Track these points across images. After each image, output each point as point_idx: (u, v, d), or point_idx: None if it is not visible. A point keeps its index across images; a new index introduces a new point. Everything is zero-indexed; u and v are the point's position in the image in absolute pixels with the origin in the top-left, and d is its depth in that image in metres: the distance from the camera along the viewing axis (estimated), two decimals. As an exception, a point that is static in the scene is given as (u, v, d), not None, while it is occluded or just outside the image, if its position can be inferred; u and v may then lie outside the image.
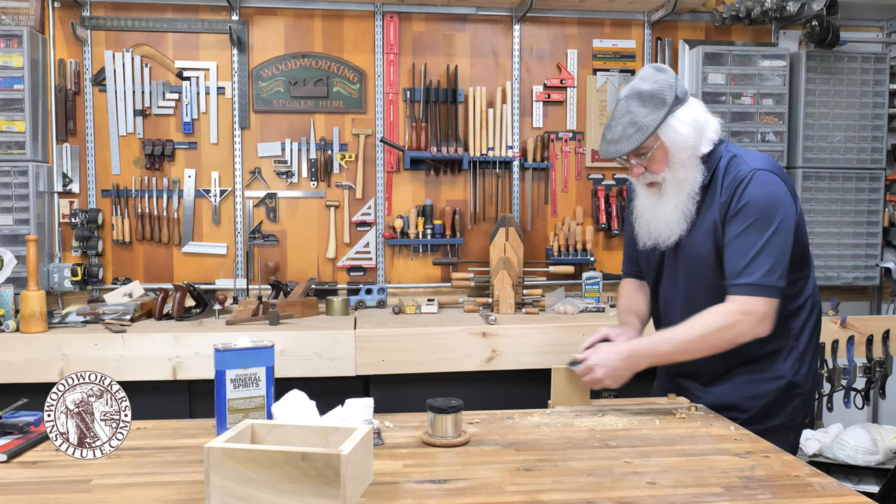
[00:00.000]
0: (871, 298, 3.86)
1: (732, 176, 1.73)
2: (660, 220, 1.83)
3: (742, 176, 1.71)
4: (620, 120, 1.75)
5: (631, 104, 1.74)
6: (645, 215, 1.89)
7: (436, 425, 1.47)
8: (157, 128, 3.39)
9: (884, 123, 3.61)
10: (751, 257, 1.66)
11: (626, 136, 1.73)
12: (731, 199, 1.71)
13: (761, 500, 1.20)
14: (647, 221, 1.88)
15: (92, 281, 3.28)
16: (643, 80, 1.75)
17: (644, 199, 1.88)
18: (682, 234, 1.80)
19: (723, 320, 1.67)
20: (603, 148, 1.80)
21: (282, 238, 3.46)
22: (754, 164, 1.73)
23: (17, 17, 3.25)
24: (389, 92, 3.48)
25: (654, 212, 1.85)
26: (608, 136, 1.78)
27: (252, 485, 1.14)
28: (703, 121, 1.77)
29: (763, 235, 1.65)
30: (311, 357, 2.67)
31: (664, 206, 1.81)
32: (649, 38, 3.63)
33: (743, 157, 1.76)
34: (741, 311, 1.66)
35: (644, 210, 1.89)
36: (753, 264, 1.65)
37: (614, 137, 1.75)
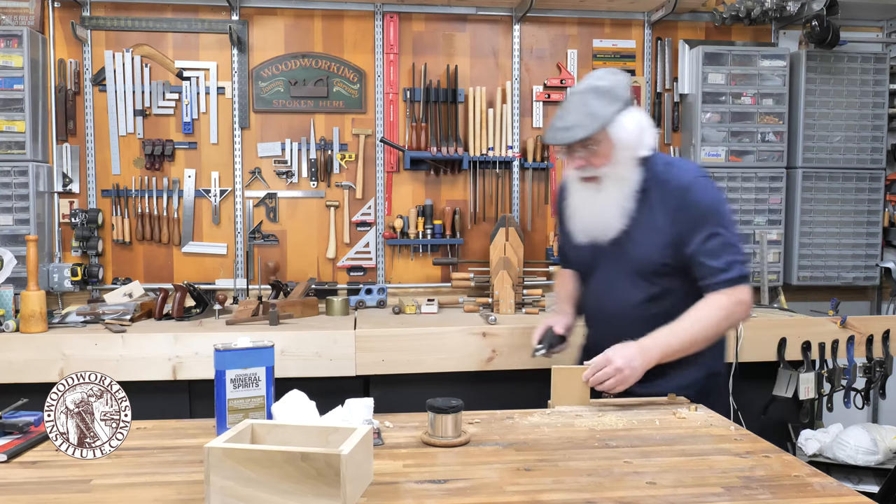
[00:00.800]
0: (871, 298, 3.86)
1: (675, 183, 1.84)
2: (597, 216, 1.88)
3: (686, 184, 1.83)
4: (575, 111, 1.80)
5: (587, 97, 1.81)
6: (581, 211, 1.93)
7: (436, 425, 1.47)
8: (157, 128, 3.39)
9: (884, 123, 3.61)
10: (725, 255, 1.80)
11: (580, 124, 1.78)
12: (682, 206, 1.82)
13: (761, 500, 1.20)
14: (583, 217, 1.93)
15: (92, 281, 3.28)
16: (599, 78, 1.84)
17: (579, 194, 1.92)
18: (619, 232, 1.87)
19: (723, 312, 1.80)
20: (551, 135, 1.82)
21: (282, 238, 3.46)
22: (692, 171, 1.88)
23: (17, 17, 3.25)
24: (389, 92, 3.48)
25: (591, 207, 1.89)
26: (559, 124, 1.81)
27: (252, 485, 1.14)
28: (645, 125, 1.88)
29: (726, 233, 1.81)
30: (311, 357, 2.67)
31: (602, 201, 1.86)
32: (649, 38, 3.63)
33: (677, 165, 1.91)
34: (736, 302, 1.81)
35: (580, 205, 1.93)
36: (730, 260, 1.80)
37: (566, 125, 1.79)
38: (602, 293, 1.98)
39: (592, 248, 1.94)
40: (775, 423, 3.03)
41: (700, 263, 1.82)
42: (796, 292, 3.71)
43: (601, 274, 1.97)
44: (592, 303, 2.04)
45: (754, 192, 3.55)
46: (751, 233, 3.57)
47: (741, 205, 3.55)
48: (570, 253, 2.08)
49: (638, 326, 1.84)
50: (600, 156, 1.83)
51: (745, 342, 2.90)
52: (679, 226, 1.82)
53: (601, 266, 1.96)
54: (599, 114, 1.79)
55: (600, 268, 1.97)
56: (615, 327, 1.89)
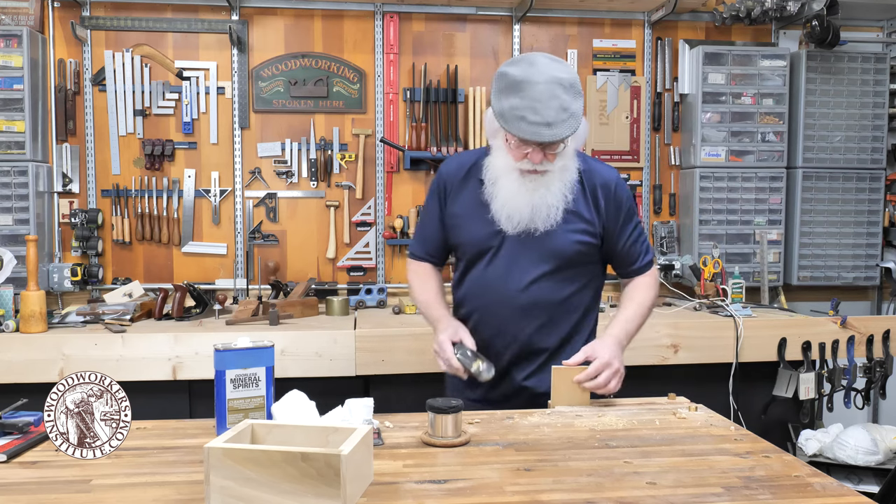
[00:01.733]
0: (871, 298, 3.86)
1: (603, 179, 1.88)
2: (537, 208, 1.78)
3: (614, 180, 1.89)
4: (549, 104, 1.68)
5: (555, 90, 1.69)
6: (515, 201, 1.79)
7: (436, 425, 1.47)
8: (157, 128, 3.39)
9: (884, 123, 3.61)
10: (643, 242, 1.97)
11: (560, 120, 1.68)
12: (612, 201, 1.88)
13: (761, 500, 1.20)
14: (518, 207, 1.79)
15: (92, 281, 3.28)
16: (558, 65, 1.72)
17: (513, 184, 1.79)
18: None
19: (654, 291, 1.99)
20: (533, 130, 1.68)
21: (282, 238, 3.46)
22: (611, 169, 1.94)
23: (17, 17, 3.25)
24: (389, 92, 3.48)
25: (529, 198, 1.78)
26: (535, 118, 1.68)
27: (252, 485, 1.13)
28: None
29: (640, 225, 1.98)
30: (311, 357, 2.67)
31: (543, 194, 1.78)
32: (649, 38, 3.63)
33: (594, 161, 1.95)
34: (656, 279, 2.02)
35: (513, 196, 1.79)
36: (647, 245, 1.99)
37: (549, 121, 1.68)
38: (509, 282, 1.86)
39: (501, 235, 1.85)
40: (775, 423, 3.03)
41: (630, 252, 1.94)
42: (796, 292, 3.71)
43: (506, 262, 1.86)
44: (493, 293, 1.88)
45: (754, 192, 3.55)
46: (751, 233, 3.57)
47: (741, 205, 3.55)
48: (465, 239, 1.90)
49: (542, 314, 1.86)
50: (557, 151, 1.76)
51: (745, 342, 2.90)
52: (608, 219, 1.88)
53: (506, 254, 1.86)
54: (574, 112, 1.71)
55: (504, 256, 1.86)
56: (517, 317, 1.86)
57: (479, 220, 1.86)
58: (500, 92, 1.73)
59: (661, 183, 3.68)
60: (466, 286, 1.94)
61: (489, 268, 1.88)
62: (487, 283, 1.89)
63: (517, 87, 1.70)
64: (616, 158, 3.65)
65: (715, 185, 3.52)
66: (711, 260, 3.29)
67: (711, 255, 3.33)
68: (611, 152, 3.64)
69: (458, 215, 1.91)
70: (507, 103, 1.71)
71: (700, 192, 3.51)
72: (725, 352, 2.90)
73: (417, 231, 2.07)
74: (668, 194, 3.70)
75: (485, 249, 1.88)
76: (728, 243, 3.55)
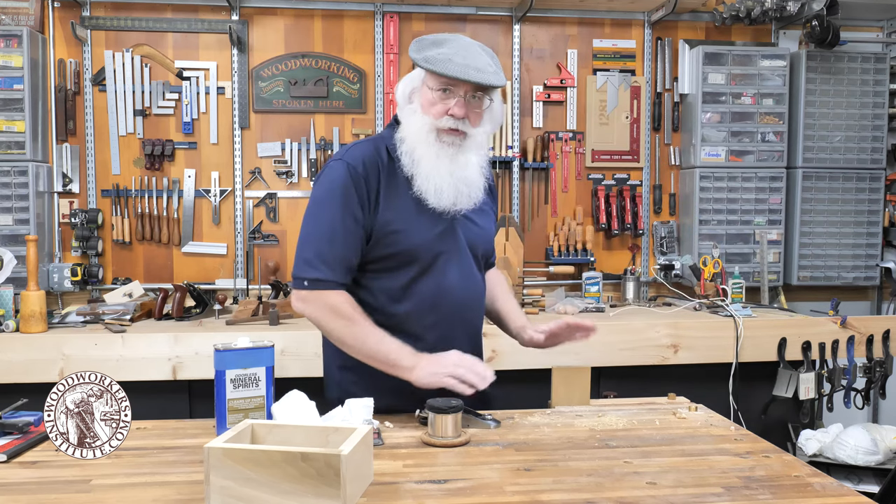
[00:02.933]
0: (871, 298, 3.86)
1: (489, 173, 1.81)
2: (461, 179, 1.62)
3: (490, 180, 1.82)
4: (477, 55, 1.58)
5: (480, 48, 1.62)
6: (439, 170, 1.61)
7: (436, 425, 1.47)
8: (157, 128, 3.39)
9: (884, 123, 3.61)
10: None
11: (490, 71, 1.58)
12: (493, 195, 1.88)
13: (761, 500, 1.20)
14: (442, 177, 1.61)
15: (92, 281, 3.28)
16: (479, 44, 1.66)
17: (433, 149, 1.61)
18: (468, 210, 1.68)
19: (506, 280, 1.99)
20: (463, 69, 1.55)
21: (282, 238, 3.46)
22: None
23: (17, 17, 3.25)
24: (389, 92, 3.48)
25: (449, 166, 1.61)
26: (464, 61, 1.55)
27: (252, 485, 1.13)
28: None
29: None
30: (311, 357, 2.66)
31: (464, 162, 1.63)
32: (649, 38, 3.63)
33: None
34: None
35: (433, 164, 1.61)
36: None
37: (478, 67, 1.56)
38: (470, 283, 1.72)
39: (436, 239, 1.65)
40: (775, 423, 3.03)
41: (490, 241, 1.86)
42: (796, 292, 3.71)
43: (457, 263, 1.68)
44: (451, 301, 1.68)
45: (754, 192, 3.55)
46: (751, 233, 3.57)
47: (741, 205, 3.55)
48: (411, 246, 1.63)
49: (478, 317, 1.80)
50: (480, 115, 1.63)
51: (745, 342, 2.90)
52: (494, 213, 1.87)
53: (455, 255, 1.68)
54: (500, 70, 1.62)
55: (454, 257, 1.68)
56: (476, 320, 1.78)
57: (425, 219, 1.63)
58: (421, 48, 1.61)
59: (661, 183, 3.68)
60: (414, 301, 1.65)
61: (444, 274, 1.66)
62: (444, 291, 1.66)
63: (441, 42, 1.61)
64: (616, 158, 3.65)
65: (715, 185, 3.52)
66: (711, 260, 3.29)
67: (711, 255, 3.33)
68: (611, 152, 3.64)
69: (394, 221, 1.61)
70: (432, 52, 1.59)
71: (700, 192, 3.51)
72: (725, 352, 2.90)
73: (318, 251, 1.60)
74: (668, 194, 3.70)
75: (435, 253, 1.65)
76: (728, 243, 3.55)
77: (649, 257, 3.68)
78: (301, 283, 1.62)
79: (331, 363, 1.78)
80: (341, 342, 1.62)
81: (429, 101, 1.62)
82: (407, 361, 1.56)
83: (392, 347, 1.57)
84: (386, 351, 1.58)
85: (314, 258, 1.60)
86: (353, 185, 1.60)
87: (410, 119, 1.64)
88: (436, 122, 1.60)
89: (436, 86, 1.60)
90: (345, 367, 1.71)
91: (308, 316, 1.63)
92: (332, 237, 1.60)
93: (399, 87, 1.69)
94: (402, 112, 1.68)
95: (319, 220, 1.62)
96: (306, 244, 1.63)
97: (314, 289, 1.60)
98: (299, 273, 1.62)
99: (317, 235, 1.61)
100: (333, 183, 1.61)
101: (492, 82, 1.58)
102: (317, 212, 1.63)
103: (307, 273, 1.61)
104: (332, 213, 1.60)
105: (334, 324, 1.60)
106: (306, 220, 1.65)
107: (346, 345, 1.61)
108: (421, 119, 1.62)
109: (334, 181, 1.61)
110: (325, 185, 1.63)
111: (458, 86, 1.59)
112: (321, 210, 1.62)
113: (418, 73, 1.65)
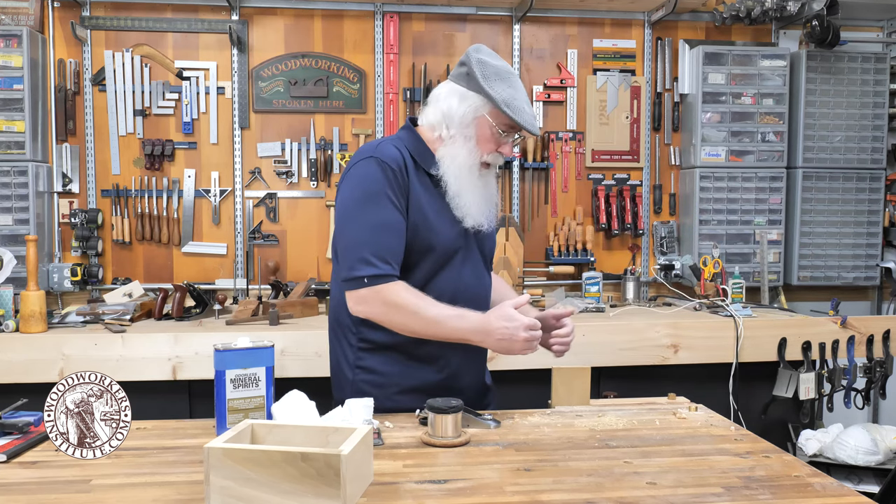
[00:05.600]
0: (871, 298, 3.86)
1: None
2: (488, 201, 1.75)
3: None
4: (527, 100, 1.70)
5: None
6: (474, 197, 1.71)
7: (436, 425, 1.47)
8: (156, 128, 3.39)
9: (884, 123, 3.61)
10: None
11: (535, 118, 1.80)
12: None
13: (761, 500, 1.20)
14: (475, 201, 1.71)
15: (92, 281, 3.28)
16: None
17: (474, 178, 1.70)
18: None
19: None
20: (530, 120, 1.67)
21: (282, 238, 3.46)
22: None
23: (17, 17, 3.25)
24: (389, 92, 3.48)
25: (482, 192, 1.73)
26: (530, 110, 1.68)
27: (252, 485, 1.13)
28: None
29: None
30: (311, 357, 2.67)
31: (491, 186, 1.77)
32: (649, 37, 3.63)
33: None
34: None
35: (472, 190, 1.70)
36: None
37: (534, 116, 1.71)
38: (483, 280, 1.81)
39: (465, 233, 1.74)
40: (775, 423, 3.03)
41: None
42: (796, 292, 3.71)
43: (471, 262, 1.77)
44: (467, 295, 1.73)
45: (754, 192, 3.55)
46: (751, 233, 3.57)
47: (741, 205, 3.55)
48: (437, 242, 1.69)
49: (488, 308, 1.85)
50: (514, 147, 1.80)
51: (745, 342, 2.90)
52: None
53: (470, 253, 1.77)
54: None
55: (469, 256, 1.76)
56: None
57: (446, 219, 1.71)
58: (488, 78, 1.64)
59: (661, 183, 3.68)
60: (433, 296, 1.66)
61: (461, 269, 1.74)
62: (462, 287, 1.72)
63: (506, 78, 1.66)
64: (616, 158, 3.65)
65: (715, 185, 3.52)
66: (711, 260, 3.29)
67: (711, 255, 3.33)
68: (611, 152, 3.64)
69: (419, 218, 1.67)
70: (505, 92, 1.64)
71: (700, 192, 3.51)
72: (725, 352, 2.90)
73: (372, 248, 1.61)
74: (668, 194, 3.70)
75: (455, 250, 1.72)
76: (728, 243, 3.55)
77: (649, 257, 3.68)
78: (360, 282, 1.61)
79: (341, 361, 1.77)
80: (411, 333, 1.65)
81: (485, 137, 1.68)
82: (476, 338, 1.61)
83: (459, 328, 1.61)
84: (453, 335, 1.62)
85: (370, 255, 1.61)
86: (392, 180, 1.63)
87: (459, 146, 1.69)
88: (485, 157, 1.70)
89: (501, 126, 1.67)
90: (359, 367, 1.73)
91: (369, 316, 1.65)
92: (384, 231, 1.62)
93: (452, 102, 1.69)
94: (454, 131, 1.69)
95: (367, 217, 1.63)
96: (359, 243, 1.62)
97: (373, 285, 1.60)
98: (356, 272, 1.61)
99: (369, 232, 1.62)
100: (371, 179, 1.63)
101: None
102: (361, 209, 1.63)
103: (365, 271, 1.60)
104: (378, 207, 1.62)
105: (397, 318, 1.62)
106: (350, 219, 1.65)
107: (416, 333, 1.65)
108: (474, 151, 1.69)
109: (372, 177, 1.63)
110: (363, 182, 1.64)
111: (516, 129, 1.69)
112: (366, 207, 1.63)
113: (482, 103, 1.66)
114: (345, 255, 1.65)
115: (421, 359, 1.71)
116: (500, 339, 1.58)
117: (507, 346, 1.58)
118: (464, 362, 1.76)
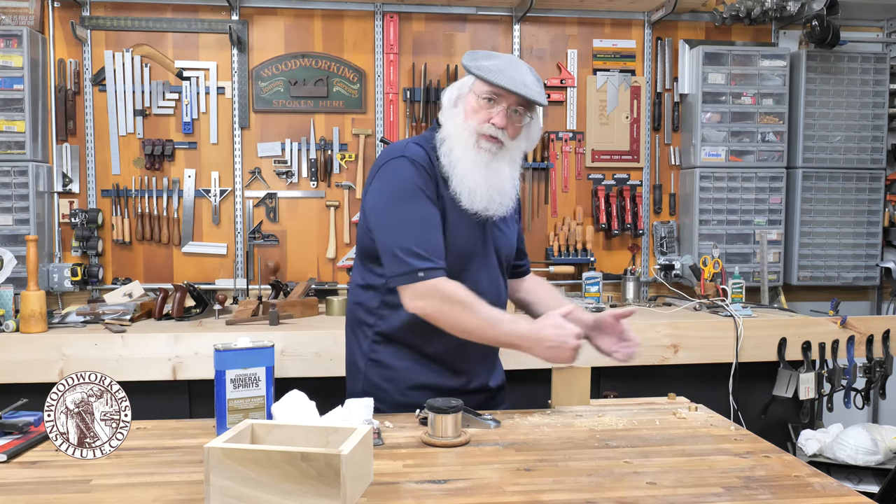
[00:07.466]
0: (871, 298, 3.86)
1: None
2: (492, 185, 1.69)
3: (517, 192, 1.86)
4: (525, 72, 1.68)
5: (531, 70, 1.72)
6: (471, 176, 1.67)
7: (436, 425, 1.47)
8: (157, 128, 3.39)
9: (884, 123, 3.61)
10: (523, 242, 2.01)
11: (536, 88, 1.67)
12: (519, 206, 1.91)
13: (761, 500, 1.20)
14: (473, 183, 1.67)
15: (92, 281, 3.28)
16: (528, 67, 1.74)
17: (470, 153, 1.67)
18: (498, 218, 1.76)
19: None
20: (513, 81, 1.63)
21: (282, 238, 3.46)
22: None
23: (17, 17, 3.25)
24: (389, 92, 3.48)
25: (483, 171, 1.67)
26: (515, 75, 1.64)
27: (252, 485, 1.13)
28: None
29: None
30: (311, 357, 2.67)
31: (496, 169, 1.69)
32: (649, 38, 3.63)
33: None
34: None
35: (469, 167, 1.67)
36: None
37: (526, 82, 1.65)
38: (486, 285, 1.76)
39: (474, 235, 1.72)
40: (775, 423, 3.03)
41: (521, 252, 1.98)
42: (796, 292, 3.71)
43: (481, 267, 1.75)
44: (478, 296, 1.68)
45: (754, 192, 3.55)
46: (751, 233, 3.57)
47: (741, 205, 3.55)
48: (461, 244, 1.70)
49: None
50: (518, 129, 1.72)
51: (745, 342, 2.90)
52: (518, 222, 1.93)
53: (478, 258, 1.75)
54: (544, 92, 1.73)
55: (475, 264, 1.74)
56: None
57: (463, 222, 1.71)
58: (475, 59, 1.70)
59: (661, 183, 3.68)
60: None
61: (478, 275, 1.73)
62: (479, 293, 1.67)
63: (494, 55, 1.72)
64: (616, 158, 3.65)
65: (715, 185, 3.52)
66: (711, 260, 3.29)
67: (711, 255, 3.33)
68: (611, 152, 3.64)
69: (450, 215, 1.69)
70: (485, 62, 1.68)
71: (700, 192, 3.51)
72: (725, 352, 2.90)
73: (421, 242, 1.61)
74: (668, 194, 3.70)
75: (471, 255, 1.73)
76: (728, 243, 3.55)
77: (649, 257, 3.69)
78: (415, 275, 1.60)
79: (356, 353, 1.80)
80: (462, 331, 1.64)
81: (473, 108, 1.69)
82: (526, 345, 1.62)
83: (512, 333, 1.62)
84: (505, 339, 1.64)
85: (420, 250, 1.61)
86: (425, 178, 1.66)
87: (453, 122, 1.71)
88: (477, 127, 1.68)
89: (483, 93, 1.68)
90: (372, 360, 1.77)
91: (425, 312, 1.63)
92: (429, 226, 1.64)
93: (447, 92, 1.76)
94: (446, 115, 1.75)
95: (409, 214, 1.63)
96: (404, 237, 1.62)
97: (430, 278, 1.60)
98: (410, 267, 1.60)
99: (413, 227, 1.63)
100: (406, 177, 1.65)
101: (536, 98, 1.66)
102: (401, 205, 1.64)
103: (420, 264, 1.60)
104: (417, 204, 1.64)
105: (453, 314, 1.61)
106: (390, 215, 1.65)
107: (467, 332, 1.64)
108: (463, 123, 1.69)
109: (406, 175, 1.65)
110: (399, 181, 1.66)
111: (503, 97, 1.67)
112: (405, 204, 1.64)
113: (467, 80, 1.73)
114: (390, 250, 1.63)
115: (431, 357, 1.75)
116: (551, 347, 1.60)
117: (556, 353, 1.61)
118: (474, 362, 1.80)
